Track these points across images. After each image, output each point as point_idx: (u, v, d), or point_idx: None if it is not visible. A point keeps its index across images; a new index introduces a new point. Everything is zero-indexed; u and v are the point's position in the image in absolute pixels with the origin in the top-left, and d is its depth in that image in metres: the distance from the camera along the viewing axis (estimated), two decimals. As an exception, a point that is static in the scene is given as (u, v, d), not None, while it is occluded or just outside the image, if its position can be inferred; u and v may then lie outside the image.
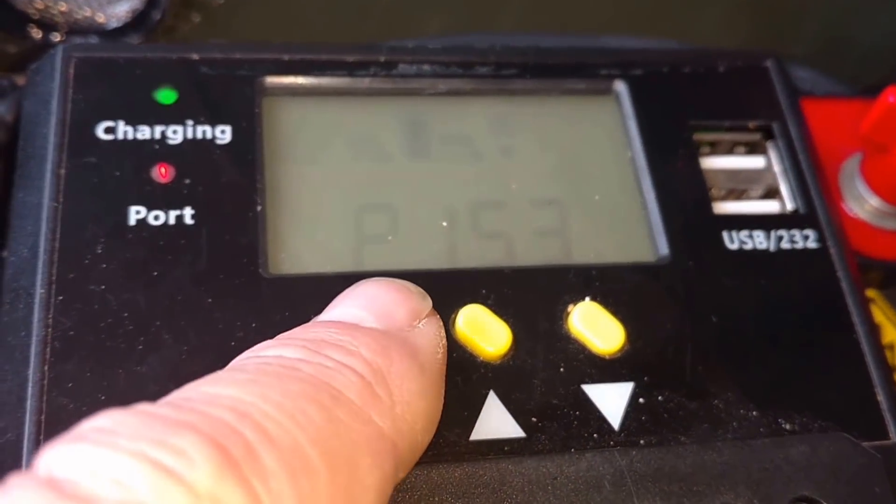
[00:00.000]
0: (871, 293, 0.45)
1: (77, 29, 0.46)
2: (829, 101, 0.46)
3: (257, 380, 0.23)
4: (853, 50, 0.53)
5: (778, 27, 0.51)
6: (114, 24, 0.46)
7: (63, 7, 0.45)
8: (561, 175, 0.36)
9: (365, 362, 0.25)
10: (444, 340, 0.29)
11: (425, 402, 0.26)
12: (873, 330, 0.34)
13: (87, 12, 0.45)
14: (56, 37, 0.45)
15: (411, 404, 0.26)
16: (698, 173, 0.36)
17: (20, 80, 0.38)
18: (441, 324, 0.29)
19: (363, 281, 0.30)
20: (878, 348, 0.34)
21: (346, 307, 0.28)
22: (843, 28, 0.52)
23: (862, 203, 0.43)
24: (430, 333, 0.28)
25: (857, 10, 0.50)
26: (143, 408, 0.22)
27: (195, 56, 0.35)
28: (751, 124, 0.38)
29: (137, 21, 0.45)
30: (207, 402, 0.22)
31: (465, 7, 0.48)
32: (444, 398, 0.29)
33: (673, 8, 0.49)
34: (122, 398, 0.29)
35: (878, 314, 0.45)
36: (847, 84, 0.51)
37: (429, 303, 0.29)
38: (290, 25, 0.47)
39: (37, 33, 0.45)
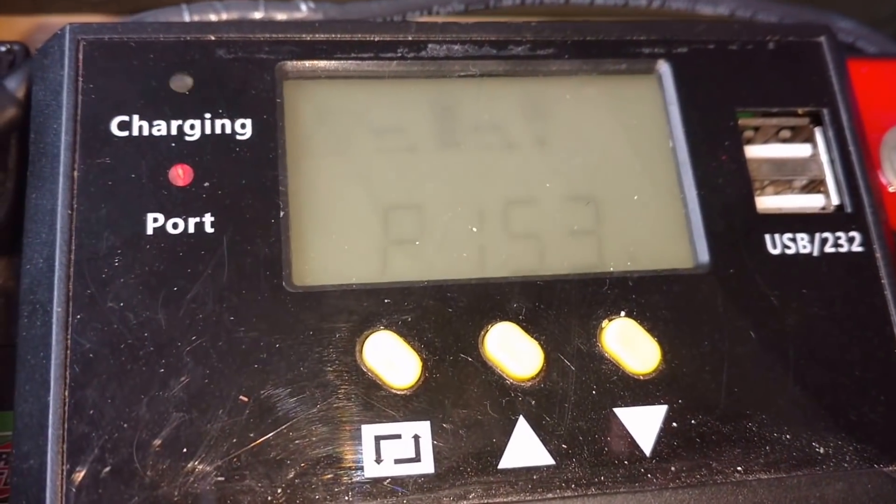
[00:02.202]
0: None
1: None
2: (873, 63, 0.43)
3: None
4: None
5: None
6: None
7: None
8: (597, 168, 0.34)
9: None
10: None
11: None
12: (916, 345, 0.33)
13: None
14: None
15: None
16: (742, 166, 0.35)
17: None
18: None
19: None
20: (920, 364, 0.33)
21: None
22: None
23: (904, 177, 0.42)
24: None
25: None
26: None
27: (211, 37, 0.33)
28: (800, 110, 0.36)
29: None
30: None
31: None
32: (470, 425, 0.28)
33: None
34: (145, 427, 0.29)
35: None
36: (891, 36, 0.48)
37: None
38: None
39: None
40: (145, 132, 0.32)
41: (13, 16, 0.46)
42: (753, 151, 0.36)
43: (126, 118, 0.32)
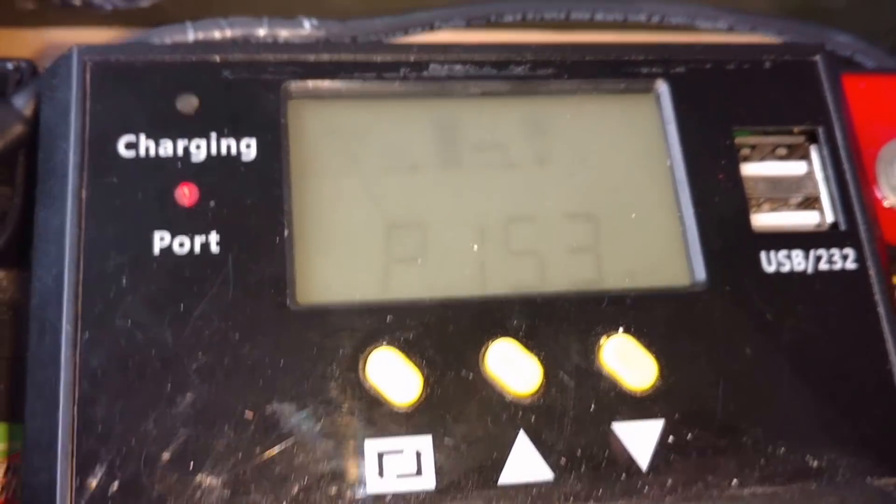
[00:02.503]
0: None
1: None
2: (871, 78, 0.44)
3: None
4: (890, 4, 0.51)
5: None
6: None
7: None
8: (596, 186, 0.35)
9: None
10: None
11: None
12: (908, 361, 0.34)
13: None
14: (76, 0, 0.43)
15: None
16: (738, 184, 0.35)
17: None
18: None
19: None
20: (912, 380, 0.33)
21: None
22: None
23: (898, 192, 0.42)
24: None
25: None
26: None
27: (216, 58, 0.34)
28: (795, 129, 0.37)
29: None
30: None
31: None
32: (471, 440, 0.29)
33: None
34: (153, 442, 0.29)
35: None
36: (887, 50, 0.49)
37: None
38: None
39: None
40: (152, 152, 0.32)
41: (18, 29, 0.46)
42: (750, 169, 0.36)
43: (133, 138, 0.32)
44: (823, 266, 0.35)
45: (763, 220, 0.36)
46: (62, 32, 0.46)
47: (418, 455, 0.30)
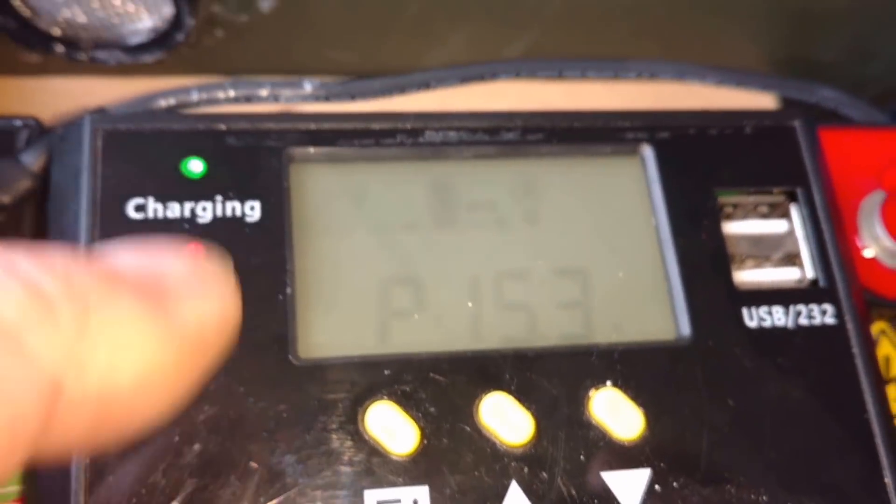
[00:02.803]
0: (881, 325, 0.46)
1: (100, 45, 0.45)
2: (853, 131, 0.46)
3: None
4: (880, 57, 0.53)
5: (805, 39, 0.51)
6: (137, 40, 0.45)
7: (86, 25, 0.44)
8: (585, 244, 0.37)
9: (57, 279, 0.20)
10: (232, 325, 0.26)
11: (153, 360, 0.22)
12: (886, 412, 0.35)
13: (110, 31, 0.45)
14: (81, 55, 0.45)
15: (119, 351, 0.21)
16: (721, 244, 0.37)
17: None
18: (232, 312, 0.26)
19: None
20: (889, 430, 0.35)
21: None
22: (867, 38, 0.51)
23: (878, 243, 0.44)
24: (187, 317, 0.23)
25: (882, 21, 0.50)
26: None
27: (222, 127, 0.35)
28: (776, 189, 0.38)
29: (160, 39, 0.45)
30: None
31: (485, 26, 0.47)
32: (466, 490, 0.31)
33: (696, 27, 0.48)
34: (161, 493, 0.31)
35: (887, 346, 0.46)
36: (871, 102, 0.51)
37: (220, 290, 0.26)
38: (310, 41, 0.47)
39: (60, 49, 0.45)
40: (160, 214, 0.34)
41: (20, 77, 0.48)
42: (732, 227, 0.38)
43: (142, 201, 0.34)
44: (803, 321, 0.36)
45: (745, 276, 0.37)
46: (65, 82, 0.47)
47: (416, 504, 0.32)
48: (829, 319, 0.36)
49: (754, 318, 0.36)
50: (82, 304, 0.20)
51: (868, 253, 0.44)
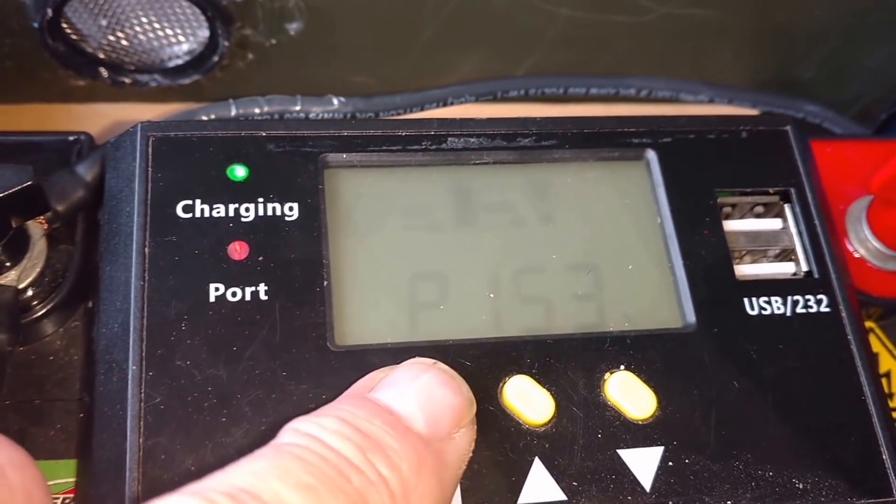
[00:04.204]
0: (869, 324, 0.49)
1: (141, 68, 0.48)
2: (837, 143, 0.49)
3: (314, 487, 0.27)
4: (857, 73, 0.56)
5: (787, 56, 0.54)
6: (175, 63, 0.48)
7: (127, 49, 0.47)
8: (596, 241, 0.40)
9: (401, 480, 0.28)
10: (471, 450, 0.32)
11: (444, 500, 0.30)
12: (880, 392, 0.38)
13: (150, 54, 0.48)
14: (124, 78, 0.48)
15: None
16: (722, 239, 0.40)
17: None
18: (474, 432, 0.32)
19: (423, 364, 0.32)
20: (885, 409, 0.37)
21: (401, 395, 0.31)
22: (848, 55, 0.54)
23: (865, 245, 0.47)
24: (462, 446, 0.31)
25: (862, 38, 0.53)
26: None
27: (262, 133, 0.38)
28: (770, 190, 0.41)
29: (197, 61, 0.48)
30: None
31: (494, 50, 0.50)
32: (492, 465, 0.34)
33: (688, 46, 0.52)
34: (210, 470, 0.33)
35: (876, 344, 0.49)
36: (852, 118, 0.54)
37: (473, 409, 0.32)
38: (333, 65, 0.50)
39: (105, 73, 0.48)
40: (206, 214, 0.37)
41: (69, 104, 0.51)
42: (731, 225, 0.41)
43: (190, 202, 0.37)
44: (801, 310, 0.39)
45: (745, 269, 0.40)
46: (110, 108, 0.50)
47: (446, 477, 0.34)
48: (825, 308, 0.39)
49: (755, 307, 0.39)
50: (409, 494, 0.28)
51: (856, 254, 0.47)
